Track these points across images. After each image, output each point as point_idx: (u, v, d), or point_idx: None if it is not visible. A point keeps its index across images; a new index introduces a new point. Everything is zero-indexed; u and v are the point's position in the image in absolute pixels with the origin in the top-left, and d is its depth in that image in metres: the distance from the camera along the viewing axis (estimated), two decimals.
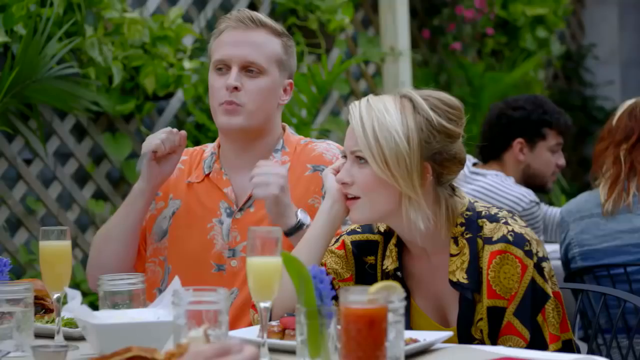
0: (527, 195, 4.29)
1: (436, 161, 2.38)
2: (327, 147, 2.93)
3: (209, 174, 2.96)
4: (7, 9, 4.31)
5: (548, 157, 4.46)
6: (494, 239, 2.37)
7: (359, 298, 1.84)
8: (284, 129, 2.99)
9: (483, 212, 2.42)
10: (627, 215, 3.56)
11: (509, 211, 2.45)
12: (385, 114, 2.36)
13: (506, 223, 2.38)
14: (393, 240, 2.49)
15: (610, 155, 3.59)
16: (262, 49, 2.88)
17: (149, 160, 2.85)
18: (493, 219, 2.40)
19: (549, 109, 4.43)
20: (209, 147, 3.04)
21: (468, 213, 2.41)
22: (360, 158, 2.39)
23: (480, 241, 2.38)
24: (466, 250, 2.38)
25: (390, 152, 2.34)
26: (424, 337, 2.23)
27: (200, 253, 2.88)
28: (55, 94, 4.43)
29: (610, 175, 3.58)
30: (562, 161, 4.50)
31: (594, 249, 3.63)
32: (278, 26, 2.93)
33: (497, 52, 6.85)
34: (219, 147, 3.00)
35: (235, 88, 2.84)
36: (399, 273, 2.46)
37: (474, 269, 2.37)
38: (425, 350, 2.21)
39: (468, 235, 2.39)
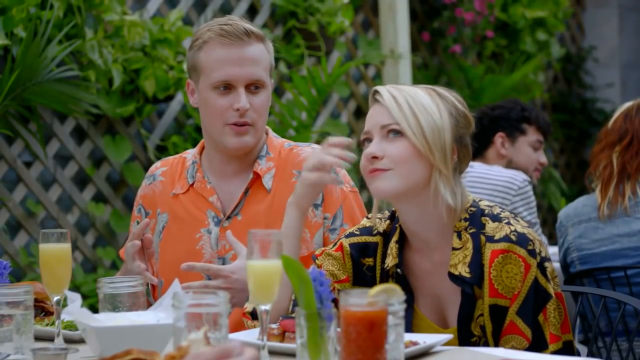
0: (519, 174, 4.37)
1: (460, 145, 2.44)
2: (312, 152, 2.91)
3: (193, 183, 2.93)
4: (7, 11, 4.31)
5: (529, 152, 4.58)
6: (496, 237, 2.38)
7: (358, 301, 1.84)
8: (266, 133, 2.96)
9: (486, 211, 2.44)
10: (624, 219, 3.56)
11: (510, 212, 2.46)
12: (418, 94, 2.42)
13: (508, 223, 2.40)
14: (394, 238, 2.49)
15: (604, 157, 3.60)
16: (261, 63, 2.84)
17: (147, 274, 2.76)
18: (496, 218, 2.41)
19: (527, 107, 4.64)
20: (189, 155, 3.00)
21: (472, 209, 2.43)
22: (392, 132, 2.40)
23: (482, 238, 2.39)
24: (469, 245, 2.39)
25: (427, 124, 2.39)
26: (424, 339, 2.23)
27: None
28: (55, 97, 4.43)
29: (603, 177, 3.59)
30: (543, 159, 4.61)
31: (592, 253, 3.63)
32: (259, 30, 2.88)
33: (497, 55, 6.86)
34: (199, 154, 2.97)
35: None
36: (399, 270, 2.46)
37: (477, 263, 2.38)
38: (425, 352, 2.22)
39: (472, 230, 2.40)
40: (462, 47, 6.52)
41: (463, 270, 2.38)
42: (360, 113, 6.14)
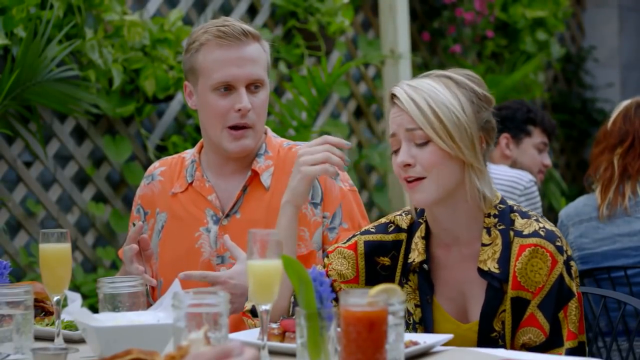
0: (525, 174, 4.37)
1: (486, 130, 2.44)
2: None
3: (192, 182, 2.93)
4: (7, 11, 4.31)
5: (534, 154, 4.58)
6: (525, 232, 2.40)
7: (359, 301, 1.84)
8: (265, 132, 2.96)
9: (515, 207, 2.46)
10: (625, 219, 3.56)
11: (536, 213, 2.48)
12: (436, 92, 2.40)
13: (537, 220, 2.43)
14: (419, 234, 2.49)
15: (605, 160, 3.59)
16: (260, 62, 2.85)
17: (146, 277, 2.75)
18: (525, 215, 2.44)
19: (534, 109, 4.64)
20: (188, 155, 3.00)
21: (501, 206, 2.45)
22: (419, 138, 2.39)
23: (511, 233, 2.41)
24: (498, 241, 2.41)
25: (452, 125, 2.37)
26: (424, 339, 2.23)
27: (188, 262, 2.84)
28: (55, 97, 4.43)
29: (603, 179, 3.58)
30: (547, 161, 4.61)
31: (593, 252, 3.63)
32: (255, 29, 2.88)
33: (497, 55, 6.86)
34: (199, 153, 2.97)
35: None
36: (425, 265, 2.46)
37: (505, 259, 2.39)
38: (425, 352, 2.22)
39: (501, 227, 2.42)
40: (462, 47, 6.51)
41: (492, 266, 2.39)
42: (360, 113, 6.14)
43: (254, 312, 2.50)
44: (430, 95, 2.39)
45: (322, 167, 2.58)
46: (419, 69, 6.41)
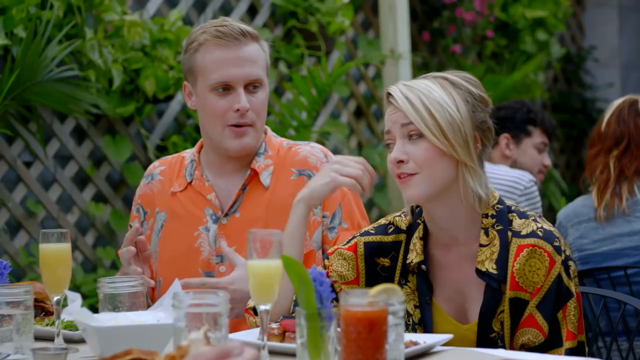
0: (525, 174, 4.37)
1: (482, 130, 2.45)
2: (311, 151, 2.91)
3: (191, 181, 2.94)
4: (7, 11, 4.31)
5: (534, 154, 4.58)
6: (523, 233, 2.40)
7: (359, 301, 1.84)
8: (265, 132, 2.97)
9: (513, 207, 2.47)
10: (625, 219, 3.56)
11: (534, 213, 2.49)
12: (431, 90, 2.41)
13: (535, 220, 2.43)
14: (417, 234, 2.49)
15: (600, 162, 3.58)
16: (259, 62, 2.85)
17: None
18: (523, 215, 2.44)
19: (534, 109, 4.63)
20: (188, 154, 3.01)
21: (499, 206, 2.45)
22: (413, 134, 2.40)
23: (509, 234, 2.41)
24: (496, 242, 2.41)
25: (445, 122, 2.39)
26: (424, 339, 2.23)
27: (188, 262, 2.85)
28: (56, 97, 4.43)
29: (600, 182, 3.58)
30: (547, 161, 4.61)
31: (593, 253, 3.63)
32: (254, 29, 2.89)
33: (497, 55, 6.86)
34: (198, 152, 2.98)
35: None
36: (423, 266, 2.47)
37: (503, 260, 2.39)
38: (425, 352, 2.22)
39: (499, 227, 2.42)
40: (462, 47, 6.51)
41: (490, 267, 2.40)
42: (360, 113, 6.14)
43: (256, 310, 2.50)
44: (424, 94, 2.41)
45: (352, 181, 2.56)
46: (419, 69, 6.42)
